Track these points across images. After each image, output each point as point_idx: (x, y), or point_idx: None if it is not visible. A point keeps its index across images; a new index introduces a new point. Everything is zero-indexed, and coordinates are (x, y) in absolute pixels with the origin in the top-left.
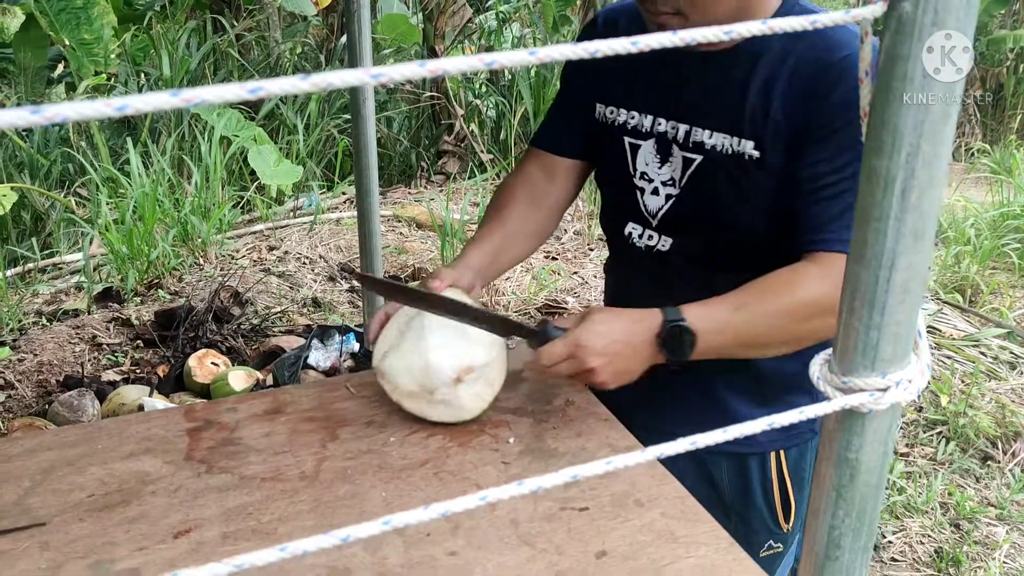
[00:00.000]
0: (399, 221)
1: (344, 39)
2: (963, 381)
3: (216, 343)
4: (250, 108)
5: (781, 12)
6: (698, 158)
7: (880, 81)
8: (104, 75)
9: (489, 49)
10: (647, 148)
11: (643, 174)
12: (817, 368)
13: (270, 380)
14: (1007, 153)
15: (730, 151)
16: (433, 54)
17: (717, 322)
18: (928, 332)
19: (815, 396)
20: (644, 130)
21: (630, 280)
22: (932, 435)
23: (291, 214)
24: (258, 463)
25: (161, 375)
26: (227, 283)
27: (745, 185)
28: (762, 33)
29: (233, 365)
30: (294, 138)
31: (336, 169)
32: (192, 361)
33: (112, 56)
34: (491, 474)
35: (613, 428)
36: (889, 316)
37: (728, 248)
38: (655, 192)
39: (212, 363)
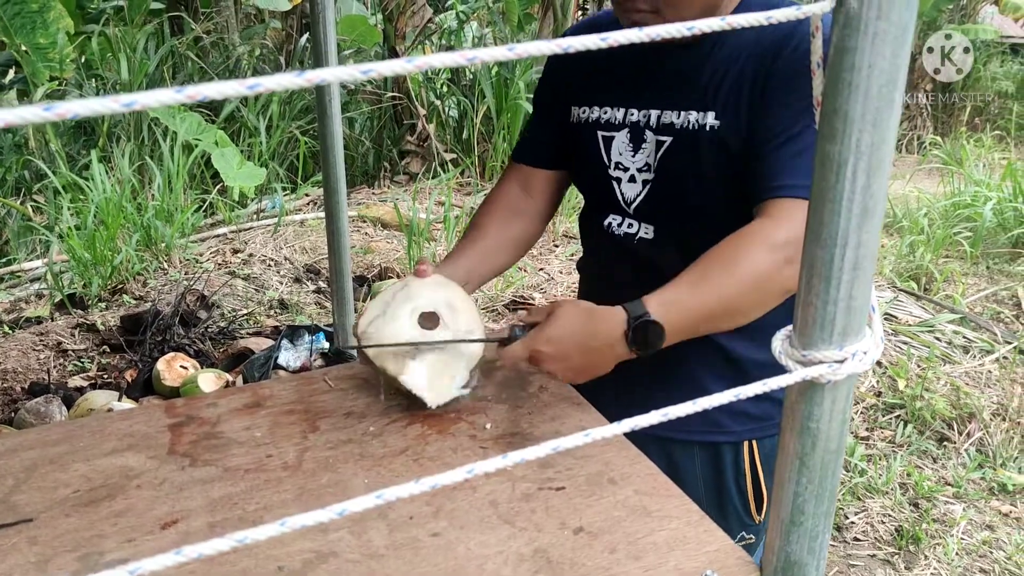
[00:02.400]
0: (364, 221)
1: (303, 40)
2: (919, 366)
3: (184, 346)
4: (210, 111)
5: (742, 7)
6: (668, 139)
7: (831, 72)
8: (57, 81)
9: (450, 48)
10: (620, 138)
11: (617, 164)
12: (779, 343)
13: (240, 382)
14: (957, 145)
15: (694, 126)
16: (394, 54)
17: (680, 306)
18: (885, 319)
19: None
20: (617, 122)
21: (611, 272)
22: (891, 418)
23: (254, 216)
24: (241, 455)
25: (129, 380)
26: (193, 287)
27: (708, 156)
28: (721, 29)
29: (202, 368)
30: (256, 140)
31: (299, 171)
32: (161, 365)
33: (67, 61)
34: (470, 459)
35: (586, 412)
36: (844, 291)
37: (702, 228)
38: (632, 180)
39: (181, 366)
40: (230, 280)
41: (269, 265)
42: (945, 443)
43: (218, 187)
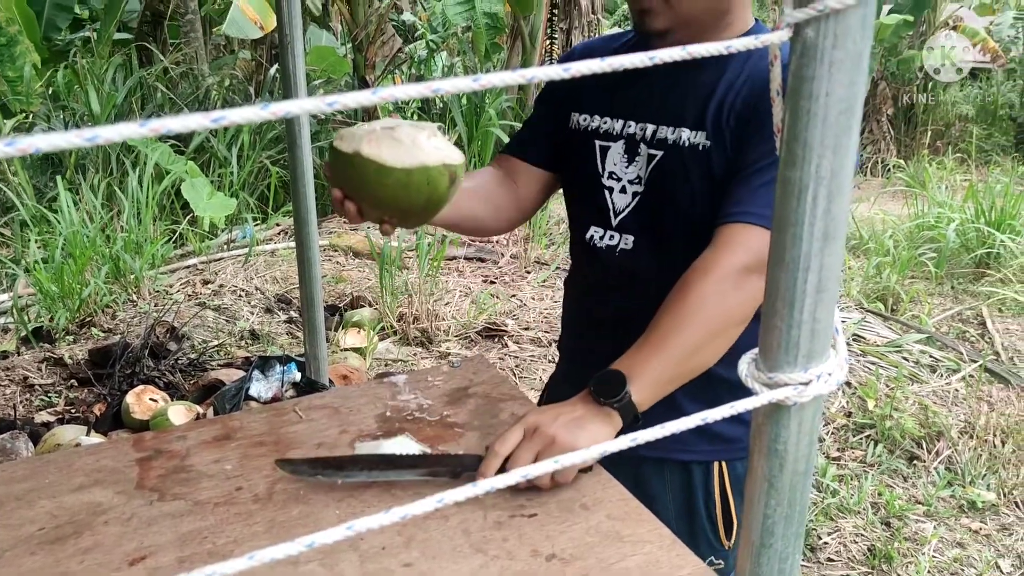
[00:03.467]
0: (336, 250)
1: (273, 71)
2: (888, 385)
3: (154, 379)
4: (180, 142)
5: (754, 29)
6: (659, 153)
7: (790, 100)
8: (23, 114)
9: (420, 78)
10: (616, 149)
11: (611, 173)
12: (745, 366)
13: (211, 414)
14: (920, 167)
15: (687, 144)
16: (364, 84)
17: (656, 382)
18: (854, 340)
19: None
20: (615, 133)
21: (591, 284)
22: (861, 438)
23: (225, 247)
24: (210, 488)
25: (98, 414)
26: (162, 318)
27: (695, 175)
28: (698, 56)
29: (172, 400)
30: (226, 171)
31: (270, 201)
32: (130, 398)
33: (34, 95)
34: (441, 488)
35: None
36: (808, 314)
37: (682, 240)
38: (623, 191)
39: (151, 399)
40: (200, 311)
41: (240, 296)
42: (915, 462)
43: (188, 217)
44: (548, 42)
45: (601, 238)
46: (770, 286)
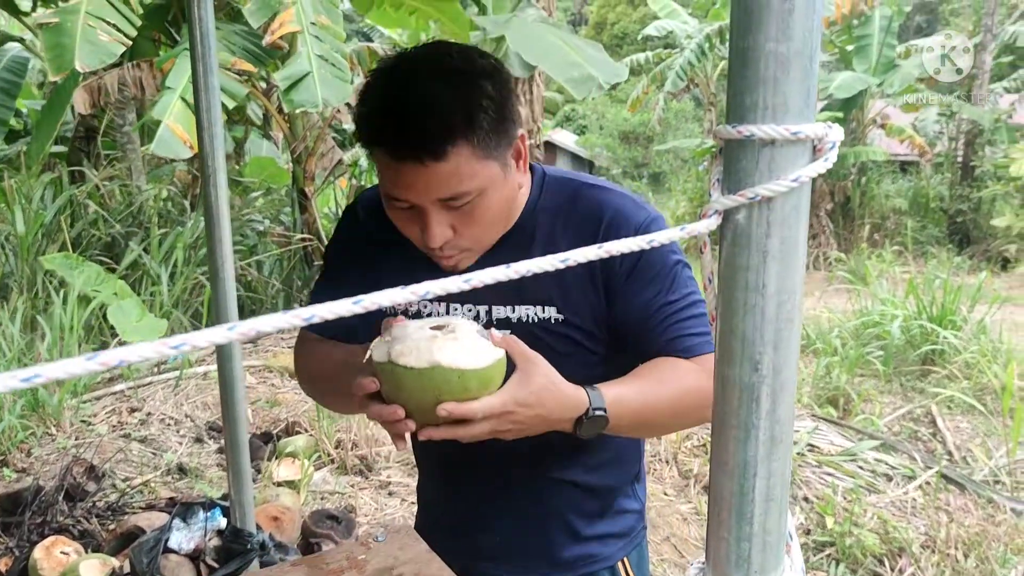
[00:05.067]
0: (271, 371)
1: None
2: (845, 498)
3: (67, 527)
4: (112, 259)
5: (535, 189)
6: (505, 332)
7: (724, 291)
8: None
9: (361, 188)
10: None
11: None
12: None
13: (127, 567)
14: (860, 261)
15: (534, 320)
16: (303, 196)
17: (625, 408)
18: (808, 450)
19: (637, 494)
20: (439, 315)
21: (459, 444)
22: (822, 558)
23: (155, 370)
24: None
25: (4, 570)
26: (81, 456)
27: (561, 347)
28: (599, 258)
29: (86, 552)
30: (158, 289)
31: (204, 319)
32: (38, 552)
33: None
34: None
35: None
36: (758, 525)
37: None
38: None
39: (62, 552)
40: (125, 445)
41: (168, 424)
42: None
43: (117, 339)
44: None
45: None
46: (714, 493)
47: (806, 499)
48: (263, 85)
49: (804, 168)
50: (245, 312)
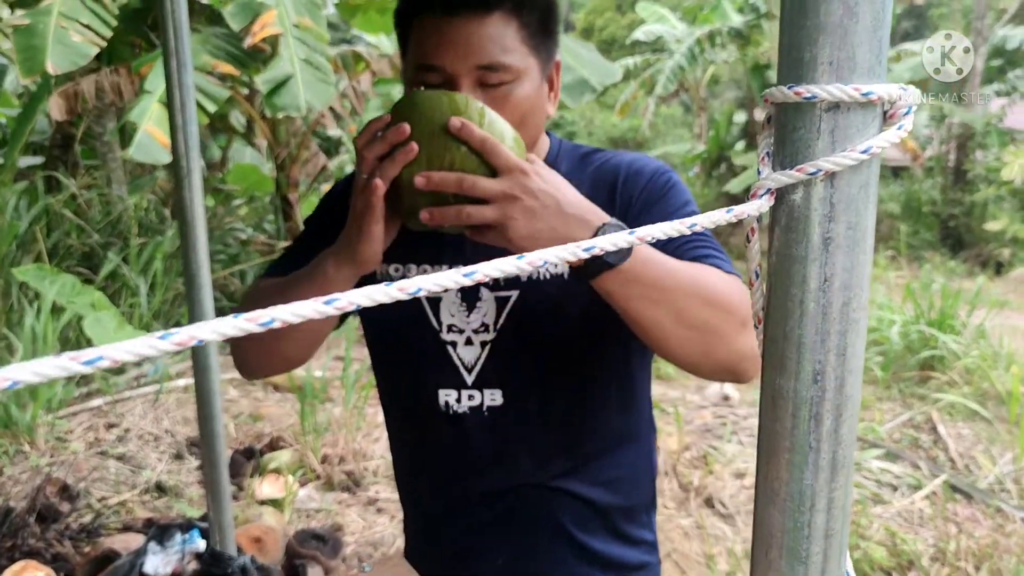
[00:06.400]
0: (253, 384)
1: None
2: (852, 510)
3: (39, 550)
4: (90, 270)
5: (552, 151)
6: (513, 294)
7: (775, 287)
8: None
9: None
10: (450, 298)
11: (451, 326)
12: None
13: None
14: None
15: (548, 276)
16: (287, 203)
17: (647, 253)
18: None
19: (651, 524)
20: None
21: (455, 461)
22: None
23: (134, 384)
24: None
25: None
26: (54, 475)
27: (564, 305)
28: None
29: None
30: (138, 300)
31: None
32: None
33: None
34: None
35: None
36: (814, 567)
37: (562, 378)
38: (468, 342)
39: None
40: (101, 462)
41: (147, 440)
42: None
43: None
44: None
45: (459, 401)
46: (761, 529)
47: None
48: (245, 91)
49: (875, 138)
50: None
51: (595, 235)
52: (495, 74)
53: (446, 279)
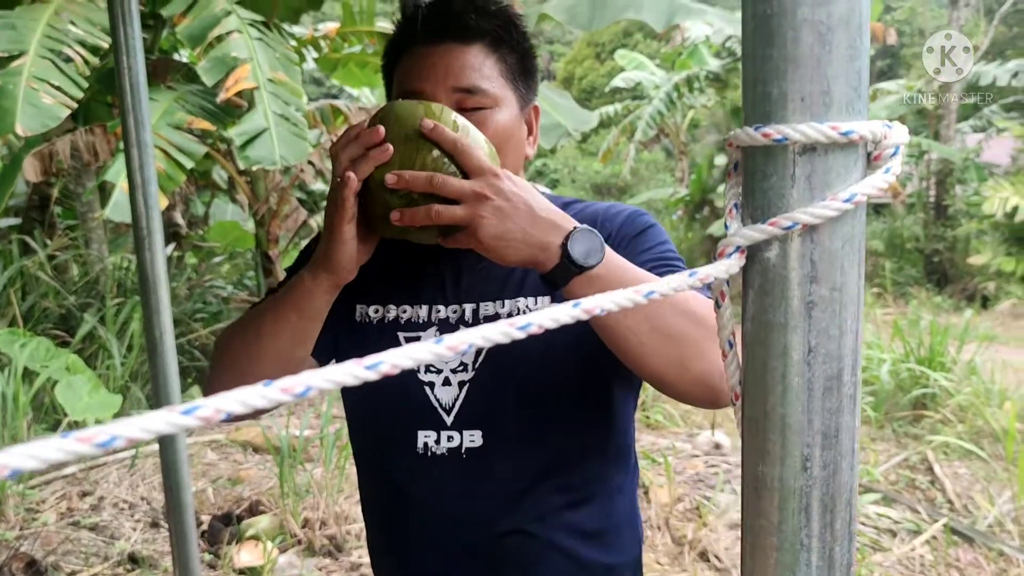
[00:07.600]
0: (233, 446)
1: (171, 250)
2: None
3: None
4: (66, 332)
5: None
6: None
7: (752, 359)
8: None
9: None
10: (428, 338)
11: (429, 367)
12: None
13: None
14: None
15: (528, 311)
16: (267, 259)
17: (618, 262)
18: None
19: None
20: (421, 320)
21: (431, 504)
22: None
23: (110, 450)
24: None
25: None
26: (21, 550)
27: (547, 343)
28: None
29: None
30: (113, 363)
31: None
32: None
33: None
34: None
35: None
36: None
37: (543, 417)
38: (446, 383)
39: None
40: (73, 534)
41: (122, 509)
42: None
43: (69, 417)
44: None
45: (438, 442)
46: None
47: None
48: (224, 147)
49: (859, 184)
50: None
51: (566, 239)
52: (473, 97)
53: (424, 352)
